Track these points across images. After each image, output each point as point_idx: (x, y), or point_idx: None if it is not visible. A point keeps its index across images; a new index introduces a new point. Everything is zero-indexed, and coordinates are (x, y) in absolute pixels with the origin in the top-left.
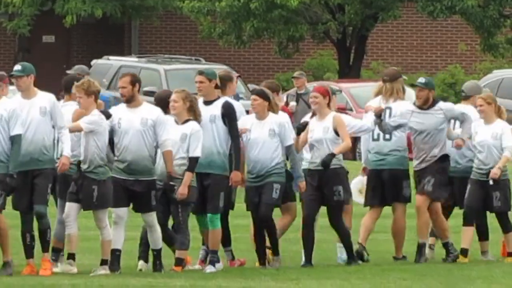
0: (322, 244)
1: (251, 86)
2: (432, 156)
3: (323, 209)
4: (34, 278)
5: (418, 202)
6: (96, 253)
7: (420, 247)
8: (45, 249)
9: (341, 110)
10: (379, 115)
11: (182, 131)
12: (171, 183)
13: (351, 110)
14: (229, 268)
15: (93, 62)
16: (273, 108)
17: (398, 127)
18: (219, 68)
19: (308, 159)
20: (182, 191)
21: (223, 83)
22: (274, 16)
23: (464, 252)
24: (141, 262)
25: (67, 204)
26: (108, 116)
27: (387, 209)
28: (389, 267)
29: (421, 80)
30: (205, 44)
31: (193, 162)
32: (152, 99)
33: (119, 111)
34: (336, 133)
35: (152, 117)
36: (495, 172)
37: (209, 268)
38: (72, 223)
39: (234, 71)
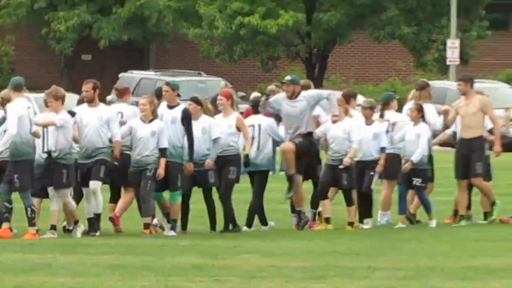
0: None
1: (240, 93)
2: (300, 132)
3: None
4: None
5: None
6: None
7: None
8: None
9: None
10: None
11: (151, 129)
12: (116, 163)
13: None
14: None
15: (120, 75)
16: (205, 111)
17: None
18: (216, 80)
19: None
20: (161, 172)
21: (120, 93)
22: (258, 41)
23: (326, 219)
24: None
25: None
26: (73, 114)
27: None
28: (344, 231)
29: (288, 77)
30: (205, 61)
31: (164, 151)
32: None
33: (82, 109)
34: (238, 129)
35: (107, 115)
36: (346, 161)
37: (171, 233)
38: (55, 202)
39: (227, 82)
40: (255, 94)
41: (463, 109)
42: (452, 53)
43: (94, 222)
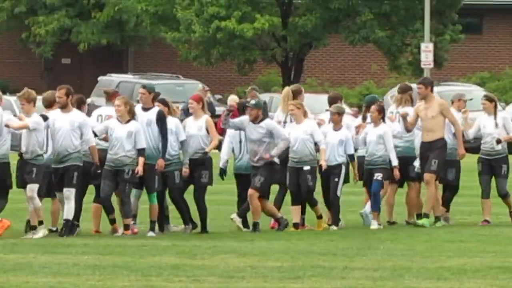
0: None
1: (217, 96)
2: (259, 159)
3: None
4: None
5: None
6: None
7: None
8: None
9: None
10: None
11: (128, 129)
12: (98, 171)
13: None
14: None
15: (100, 78)
16: (171, 113)
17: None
18: (193, 83)
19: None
20: (139, 168)
21: (110, 97)
22: (234, 44)
23: (296, 225)
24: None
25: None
26: (45, 118)
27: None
28: (322, 232)
29: (252, 101)
30: (183, 65)
31: (142, 151)
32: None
33: (54, 114)
34: (207, 131)
35: (79, 120)
36: (324, 164)
37: (150, 233)
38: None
39: (204, 85)
40: (233, 97)
41: (423, 113)
42: (426, 56)
43: (63, 227)
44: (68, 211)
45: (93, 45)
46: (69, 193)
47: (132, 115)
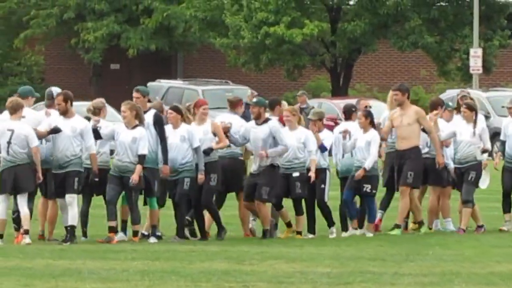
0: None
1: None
2: (262, 166)
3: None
4: (105, 244)
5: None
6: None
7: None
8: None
9: (333, 119)
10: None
11: (133, 135)
12: (96, 179)
13: (340, 120)
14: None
15: (149, 84)
16: (185, 120)
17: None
18: (242, 89)
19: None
20: (135, 177)
21: (233, 105)
22: (283, 50)
23: (289, 224)
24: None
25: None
26: (58, 131)
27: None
28: (370, 237)
29: (254, 99)
30: (231, 71)
31: (142, 157)
32: None
33: (56, 120)
34: (215, 135)
35: (81, 127)
36: (312, 176)
37: (152, 239)
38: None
39: (253, 90)
40: (282, 102)
41: (398, 120)
42: (475, 62)
43: (67, 234)
44: (72, 217)
45: (142, 51)
46: (71, 199)
47: (140, 120)
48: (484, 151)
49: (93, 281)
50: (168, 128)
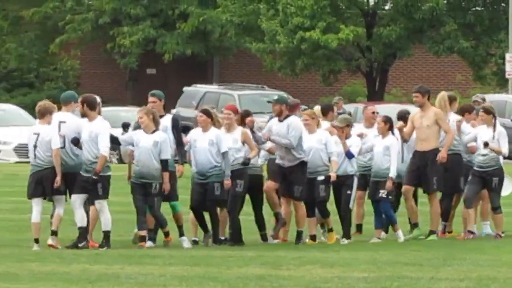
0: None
1: (302, 107)
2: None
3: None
4: (138, 250)
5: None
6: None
7: (298, 233)
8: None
9: None
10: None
11: (154, 139)
12: (94, 177)
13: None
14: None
15: (184, 88)
16: (215, 124)
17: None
18: (278, 93)
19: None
20: (166, 187)
21: (291, 108)
22: (319, 55)
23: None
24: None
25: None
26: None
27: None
28: (407, 242)
29: (275, 96)
30: (267, 75)
31: (165, 163)
32: None
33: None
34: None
35: (96, 130)
36: (333, 176)
37: (185, 242)
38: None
39: (290, 95)
40: (318, 107)
41: (418, 122)
42: (511, 66)
43: (103, 239)
44: (105, 222)
45: (178, 56)
46: (99, 205)
47: (157, 124)
48: (485, 144)
49: (130, 286)
50: (197, 132)
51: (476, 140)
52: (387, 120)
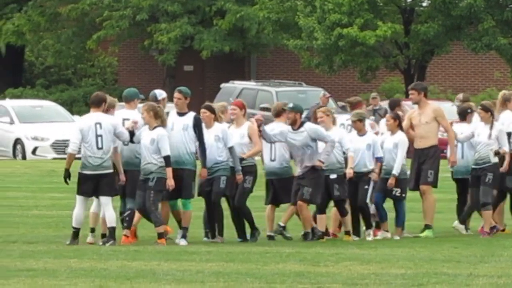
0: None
1: (340, 103)
2: (305, 166)
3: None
4: (175, 246)
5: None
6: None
7: (305, 234)
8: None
9: None
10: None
11: (151, 136)
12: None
13: None
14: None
15: (222, 85)
16: (218, 119)
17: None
18: (316, 90)
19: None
20: (170, 182)
21: (354, 106)
22: (356, 51)
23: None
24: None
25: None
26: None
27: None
28: (444, 239)
29: (290, 104)
30: (305, 72)
31: (167, 159)
32: (267, 113)
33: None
34: (250, 139)
35: (112, 123)
36: (349, 172)
37: (182, 242)
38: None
39: (327, 92)
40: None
41: (416, 119)
42: None
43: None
44: (108, 219)
45: (216, 52)
46: (105, 200)
47: (161, 120)
48: (496, 153)
49: (167, 282)
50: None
51: (473, 137)
52: (396, 117)
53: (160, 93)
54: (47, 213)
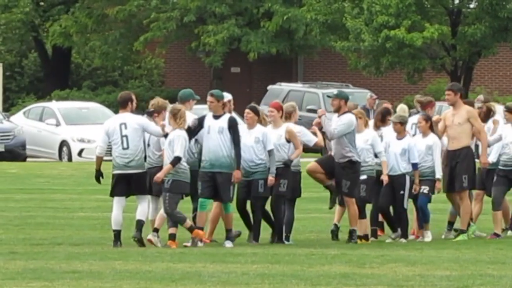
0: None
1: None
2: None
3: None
4: (219, 247)
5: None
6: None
7: (350, 232)
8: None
9: None
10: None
11: (169, 138)
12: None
13: None
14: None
15: (269, 87)
16: (261, 121)
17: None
18: (362, 92)
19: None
20: (159, 175)
21: (424, 105)
22: (403, 53)
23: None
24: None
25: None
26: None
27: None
28: (489, 240)
29: (334, 91)
30: (352, 74)
31: (175, 159)
32: (314, 115)
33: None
34: (288, 141)
35: (138, 122)
36: (385, 179)
37: (228, 244)
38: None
39: (374, 93)
40: (402, 106)
41: (450, 120)
42: None
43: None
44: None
45: (263, 54)
46: (145, 198)
47: (181, 122)
48: None
49: (213, 284)
50: (242, 128)
51: (501, 139)
52: (428, 118)
53: (226, 95)
54: (92, 215)
